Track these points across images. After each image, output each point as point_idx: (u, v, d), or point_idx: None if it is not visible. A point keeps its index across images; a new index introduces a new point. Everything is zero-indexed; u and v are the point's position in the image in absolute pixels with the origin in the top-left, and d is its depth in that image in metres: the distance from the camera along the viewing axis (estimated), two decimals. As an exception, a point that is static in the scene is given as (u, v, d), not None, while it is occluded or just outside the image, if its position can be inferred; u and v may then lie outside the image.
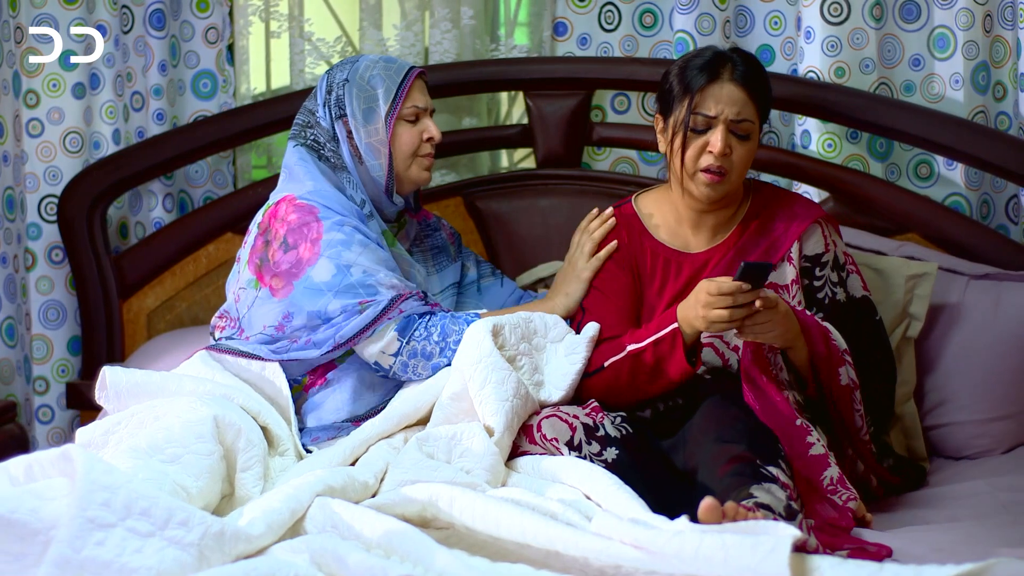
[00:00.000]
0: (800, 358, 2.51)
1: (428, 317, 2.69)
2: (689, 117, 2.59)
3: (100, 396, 2.60)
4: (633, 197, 2.84)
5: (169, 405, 2.43)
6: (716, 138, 2.57)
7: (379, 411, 2.67)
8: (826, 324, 2.56)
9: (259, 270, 2.74)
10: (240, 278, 2.80)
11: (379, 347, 2.67)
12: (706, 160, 2.59)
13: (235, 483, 2.36)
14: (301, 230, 2.70)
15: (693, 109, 2.59)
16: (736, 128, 2.59)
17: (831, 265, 2.68)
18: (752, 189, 2.77)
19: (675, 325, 2.51)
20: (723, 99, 2.58)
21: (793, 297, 2.65)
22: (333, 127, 2.81)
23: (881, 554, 2.16)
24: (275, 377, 2.67)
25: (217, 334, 2.83)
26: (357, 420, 2.69)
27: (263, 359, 2.68)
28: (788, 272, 2.67)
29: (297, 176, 2.81)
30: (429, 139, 2.84)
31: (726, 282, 2.38)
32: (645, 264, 2.74)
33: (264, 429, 2.51)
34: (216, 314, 2.88)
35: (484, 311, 2.77)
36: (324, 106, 2.83)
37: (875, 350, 2.70)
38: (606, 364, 2.59)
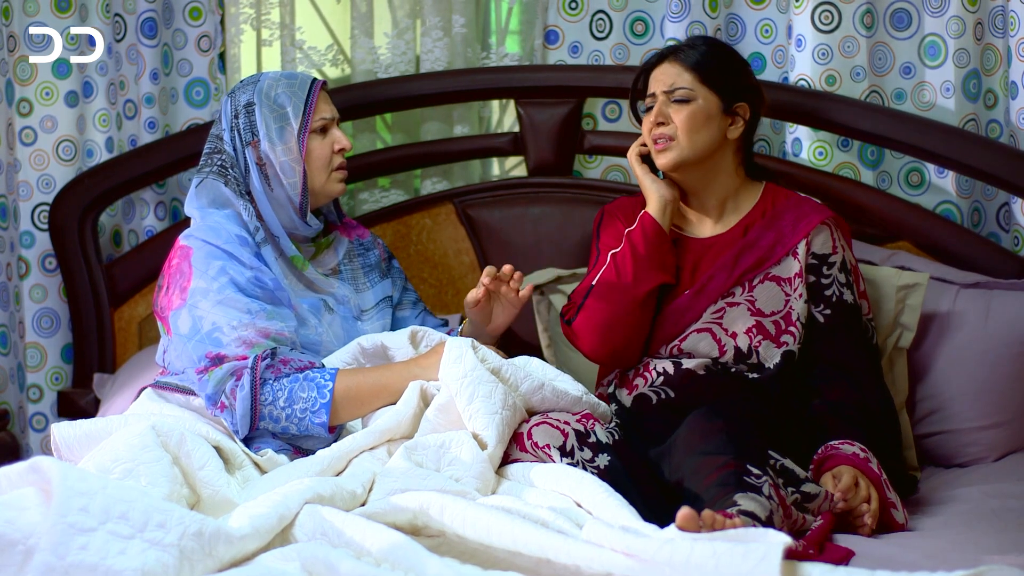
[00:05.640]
0: None
1: (274, 380, 2.63)
2: (635, 101, 2.88)
3: (56, 456, 2.59)
4: None
5: (112, 438, 2.42)
6: (653, 110, 2.78)
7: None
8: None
9: (159, 315, 2.77)
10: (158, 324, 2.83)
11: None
12: (653, 132, 2.78)
13: (197, 485, 2.36)
14: (175, 276, 2.73)
15: (637, 93, 2.86)
16: (672, 96, 2.76)
17: (839, 267, 2.75)
18: (766, 188, 2.86)
19: (642, 212, 2.77)
20: (658, 77, 2.80)
21: (795, 290, 2.72)
22: (242, 152, 2.81)
23: (843, 553, 2.17)
24: None
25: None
26: (299, 451, 2.64)
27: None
28: (792, 266, 2.74)
29: (191, 215, 2.84)
30: (340, 150, 2.84)
31: None
32: None
33: (217, 449, 2.49)
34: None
35: (340, 367, 2.70)
36: (231, 131, 2.82)
37: (865, 352, 2.74)
38: (594, 282, 2.76)
